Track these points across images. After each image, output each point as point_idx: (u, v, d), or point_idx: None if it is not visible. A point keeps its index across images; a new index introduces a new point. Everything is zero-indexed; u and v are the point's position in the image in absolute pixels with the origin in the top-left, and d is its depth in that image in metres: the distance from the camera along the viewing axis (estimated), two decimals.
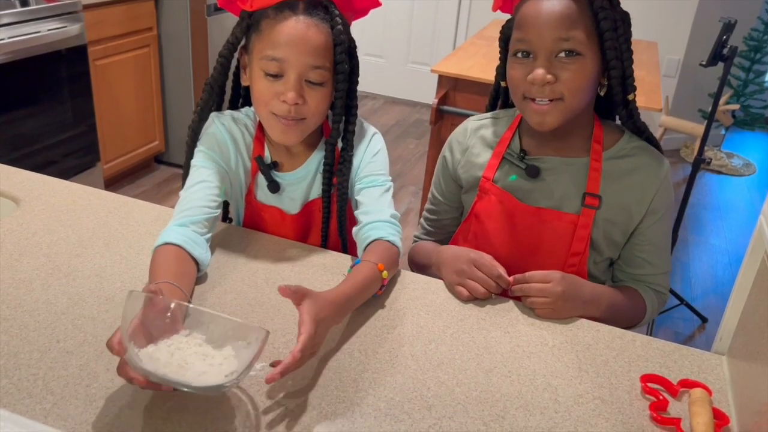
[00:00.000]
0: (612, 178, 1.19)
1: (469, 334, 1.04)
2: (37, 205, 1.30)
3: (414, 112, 4.99)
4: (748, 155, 4.65)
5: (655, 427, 0.88)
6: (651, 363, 1.01)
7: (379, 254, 1.11)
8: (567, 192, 1.20)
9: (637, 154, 1.21)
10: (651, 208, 1.20)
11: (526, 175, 1.21)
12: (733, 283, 1.05)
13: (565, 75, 1.09)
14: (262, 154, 1.24)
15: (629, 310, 1.22)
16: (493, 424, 0.87)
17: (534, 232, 1.22)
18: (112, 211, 1.31)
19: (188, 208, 1.13)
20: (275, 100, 1.12)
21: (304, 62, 1.10)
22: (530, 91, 1.12)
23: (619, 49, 1.11)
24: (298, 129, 1.16)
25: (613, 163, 1.20)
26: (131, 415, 0.83)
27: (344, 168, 1.22)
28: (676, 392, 0.94)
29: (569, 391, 0.94)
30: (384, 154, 1.28)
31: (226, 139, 1.22)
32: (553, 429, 0.87)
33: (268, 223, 1.30)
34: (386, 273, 1.08)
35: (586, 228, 1.19)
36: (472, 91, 2.51)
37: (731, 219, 3.81)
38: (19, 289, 1.05)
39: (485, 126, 1.30)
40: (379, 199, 1.21)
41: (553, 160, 1.21)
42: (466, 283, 1.13)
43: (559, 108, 1.11)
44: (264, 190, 1.26)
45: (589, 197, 1.18)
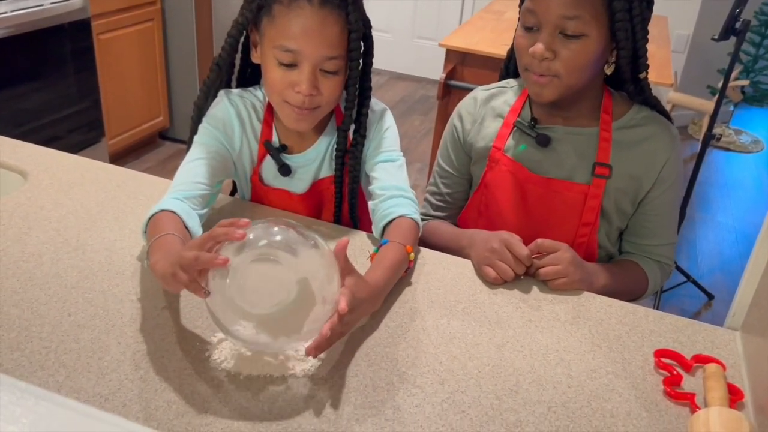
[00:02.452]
0: (622, 148, 1.19)
1: (480, 309, 1.03)
2: (44, 179, 1.30)
3: (419, 88, 4.95)
4: (757, 132, 4.61)
5: (669, 402, 0.88)
6: (664, 338, 1.00)
7: (404, 234, 1.10)
8: (577, 162, 1.19)
9: (646, 123, 1.20)
10: (660, 177, 1.20)
11: (537, 144, 1.20)
12: (740, 261, 1.05)
13: (565, 53, 1.08)
14: (270, 137, 1.22)
15: (628, 285, 1.22)
16: (506, 398, 0.86)
17: (544, 202, 1.22)
18: (120, 185, 1.30)
19: (184, 183, 1.11)
20: (289, 89, 1.09)
21: (319, 54, 1.07)
22: (530, 64, 1.12)
23: (631, 30, 1.09)
24: (311, 117, 1.14)
25: (622, 133, 1.19)
26: (144, 387, 0.83)
27: (356, 150, 1.21)
28: (690, 367, 0.94)
29: (582, 365, 0.93)
30: (394, 129, 1.26)
31: (232, 119, 1.20)
32: (566, 404, 0.86)
33: (276, 205, 1.28)
34: (413, 255, 1.08)
35: (597, 198, 1.19)
36: (480, 66, 2.48)
37: (738, 196, 3.79)
38: (28, 263, 1.04)
39: (495, 96, 1.29)
40: (396, 174, 1.20)
41: (561, 129, 1.20)
42: (496, 264, 1.09)
43: (554, 84, 1.11)
44: (270, 173, 1.25)
45: (599, 167, 1.18)
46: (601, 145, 1.18)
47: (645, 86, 1.18)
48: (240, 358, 0.88)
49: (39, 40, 2.68)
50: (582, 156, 1.19)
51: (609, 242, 1.26)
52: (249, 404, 0.82)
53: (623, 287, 1.19)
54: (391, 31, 5.10)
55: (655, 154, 1.19)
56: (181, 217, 1.04)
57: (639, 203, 1.23)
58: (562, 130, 1.21)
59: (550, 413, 0.85)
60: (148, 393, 0.82)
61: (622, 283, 1.19)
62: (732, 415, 0.79)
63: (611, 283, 1.16)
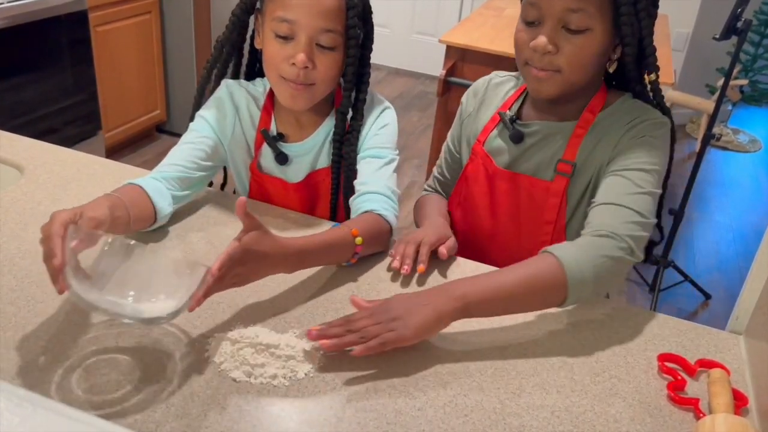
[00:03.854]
0: (596, 137, 1.11)
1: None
2: (41, 174, 1.28)
3: (418, 84, 4.94)
4: (755, 131, 4.61)
5: (673, 407, 0.87)
6: (667, 342, 1.00)
7: (362, 223, 1.08)
8: (545, 158, 1.15)
9: (630, 110, 1.12)
10: (619, 144, 1.08)
11: (509, 140, 1.18)
12: (737, 260, 1.03)
13: (568, 48, 1.05)
14: (268, 125, 1.23)
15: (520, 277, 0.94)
16: (509, 402, 0.85)
17: (512, 198, 1.19)
18: (118, 180, 1.27)
19: (166, 164, 1.15)
20: (285, 63, 1.10)
21: (316, 25, 1.08)
22: (531, 58, 1.08)
23: (636, 26, 1.05)
24: (307, 94, 1.14)
25: (603, 121, 1.12)
26: (142, 388, 0.81)
27: (352, 137, 1.20)
28: (694, 372, 0.93)
29: (585, 369, 0.92)
30: (392, 128, 1.24)
31: (226, 103, 1.22)
32: (569, 408, 0.85)
33: (272, 194, 1.28)
34: (360, 239, 1.03)
35: (557, 196, 1.14)
36: (480, 62, 2.47)
37: (736, 196, 3.79)
38: (25, 260, 1.03)
39: (505, 83, 1.27)
40: (378, 171, 1.17)
41: (544, 124, 1.16)
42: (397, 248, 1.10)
43: (556, 79, 1.08)
44: (267, 161, 1.25)
45: (562, 164, 1.13)
46: (571, 141, 1.13)
47: (656, 90, 1.12)
48: (240, 360, 0.86)
49: (35, 32, 2.65)
50: (553, 152, 1.15)
51: None
52: (249, 407, 0.81)
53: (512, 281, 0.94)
54: (390, 26, 5.08)
55: (621, 130, 1.09)
56: (147, 191, 1.07)
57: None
58: (542, 126, 1.16)
59: (554, 417, 0.84)
60: (146, 394, 0.81)
61: (506, 279, 0.94)
62: (738, 422, 0.78)
63: (482, 283, 0.93)
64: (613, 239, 0.96)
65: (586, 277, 0.93)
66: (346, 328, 0.88)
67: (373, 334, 0.86)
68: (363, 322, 0.88)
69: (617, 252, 0.95)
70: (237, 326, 0.93)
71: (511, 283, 0.93)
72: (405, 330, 0.87)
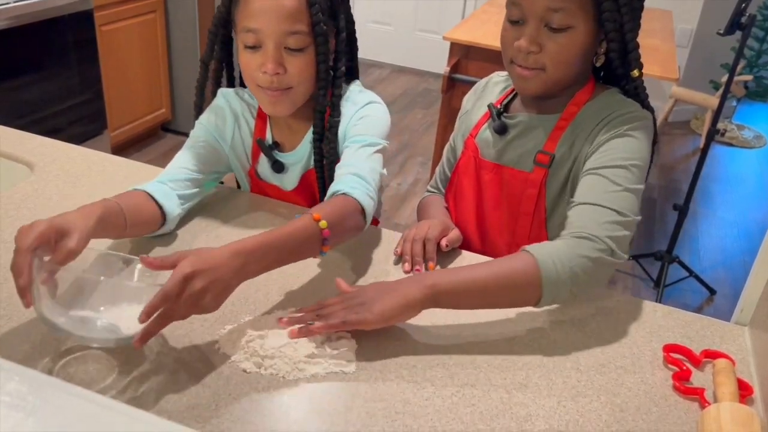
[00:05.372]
0: (577, 129, 1.11)
1: None
2: (51, 171, 1.29)
3: (422, 82, 4.94)
4: (759, 127, 4.60)
5: (679, 396, 0.88)
6: (672, 333, 1.00)
7: (326, 206, 0.99)
8: (526, 150, 1.16)
9: (608, 105, 1.10)
10: (594, 145, 1.07)
11: (494, 132, 1.19)
12: (742, 256, 1.03)
13: (551, 46, 1.05)
14: (263, 133, 1.24)
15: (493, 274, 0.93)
16: (516, 392, 0.86)
17: (496, 189, 1.20)
18: (128, 176, 1.30)
19: (168, 169, 1.16)
20: (257, 71, 1.11)
21: (279, 30, 1.07)
22: (516, 57, 1.10)
23: (619, 21, 1.04)
24: (286, 99, 1.13)
25: (583, 114, 1.11)
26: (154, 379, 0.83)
27: (330, 134, 1.17)
28: (699, 362, 0.94)
29: (591, 360, 0.93)
30: (374, 119, 1.18)
31: (225, 111, 1.23)
32: (575, 398, 0.86)
33: (271, 196, 1.30)
34: (324, 223, 0.94)
35: (535, 187, 1.14)
36: (484, 59, 2.47)
37: (741, 192, 3.78)
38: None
39: (503, 81, 1.29)
40: (354, 154, 1.13)
41: (527, 116, 1.17)
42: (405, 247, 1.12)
43: (541, 77, 1.08)
44: (264, 168, 1.26)
45: (540, 155, 1.13)
46: (552, 133, 1.13)
47: (639, 87, 1.11)
48: (250, 351, 0.87)
49: (41, 32, 2.66)
50: (535, 144, 1.15)
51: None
52: (259, 396, 0.82)
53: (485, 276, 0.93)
54: (393, 23, 5.09)
55: (596, 125, 1.08)
56: (151, 194, 1.08)
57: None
58: (525, 118, 1.17)
59: (560, 407, 0.85)
60: (158, 384, 0.82)
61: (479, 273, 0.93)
62: (743, 410, 0.79)
63: (454, 275, 0.93)
64: (591, 241, 0.94)
65: (561, 277, 0.91)
66: (317, 312, 0.91)
67: (337, 317, 0.89)
68: (333, 307, 0.91)
69: (595, 253, 0.93)
70: (246, 317, 0.94)
71: (484, 278, 0.92)
72: (368, 314, 0.88)
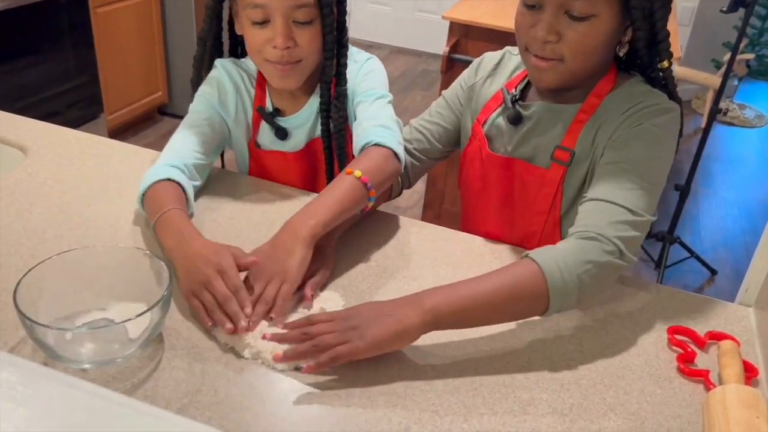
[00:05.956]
0: (599, 122, 1.03)
1: None
2: (45, 155, 1.27)
3: (421, 63, 4.90)
4: (761, 107, 4.57)
5: (683, 379, 0.87)
6: (676, 315, 0.99)
7: (361, 159, 1.04)
8: (543, 143, 1.08)
9: (632, 95, 1.02)
10: (612, 139, 1.00)
11: (507, 121, 1.12)
12: (743, 236, 1.00)
13: (571, 35, 0.96)
14: (263, 102, 1.23)
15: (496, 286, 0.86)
16: (519, 375, 0.85)
17: (504, 184, 1.13)
18: (123, 160, 1.28)
19: (180, 149, 1.12)
20: (266, 46, 1.10)
21: (287, 4, 1.07)
22: (531, 45, 1.00)
23: (648, 8, 0.95)
24: (296, 72, 1.13)
25: (606, 106, 1.03)
26: (151, 365, 0.82)
27: (339, 103, 1.18)
28: (704, 344, 0.93)
29: (594, 342, 0.92)
30: (378, 73, 1.22)
31: (226, 82, 1.21)
32: (579, 381, 0.85)
33: (271, 170, 1.28)
34: (358, 172, 1.00)
35: (552, 186, 1.06)
36: (484, 39, 2.44)
37: (742, 171, 3.76)
38: (31, 240, 1.02)
39: (517, 59, 1.17)
40: (370, 107, 1.15)
41: (544, 106, 1.08)
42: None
43: (558, 69, 1.00)
44: (265, 137, 1.24)
45: (559, 151, 1.05)
46: (572, 127, 1.04)
47: (668, 77, 1.02)
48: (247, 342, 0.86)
49: (35, 14, 2.63)
50: (552, 138, 1.06)
51: None
52: (259, 383, 0.81)
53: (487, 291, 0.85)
54: (392, 4, 5.03)
55: (620, 117, 1.00)
56: (185, 188, 1.05)
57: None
58: (542, 108, 1.08)
59: (563, 390, 0.84)
60: (156, 371, 0.81)
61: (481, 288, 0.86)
62: (749, 392, 0.78)
63: (455, 293, 0.85)
64: (599, 242, 0.88)
65: (568, 285, 0.85)
66: (304, 331, 0.83)
67: (326, 344, 0.80)
68: (321, 327, 0.83)
69: (604, 257, 0.87)
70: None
71: (487, 293, 0.85)
72: (360, 341, 0.80)
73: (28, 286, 0.80)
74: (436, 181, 2.64)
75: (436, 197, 2.67)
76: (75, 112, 2.95)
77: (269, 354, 0.83)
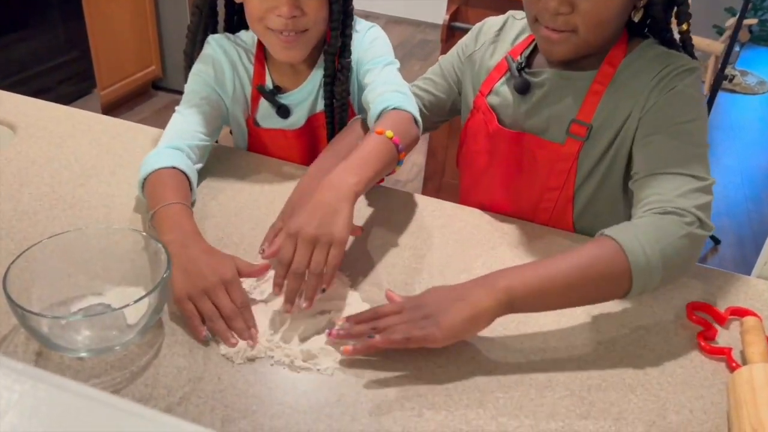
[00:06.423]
0: (619, 92, 0.99)
1: (501, 263, 0.98)
2: (35, 132, 1.22)
3: (418, 32, 4.81)
4: (763, 73, 4.51)
5: (705, 357, 0.84)
6: (694, 290, 0.96)
7: (383, 122, 0.98)
8: (555, 116, 1.03)
9: (654, 59, 0.98)
10: (646, 108, 0.95)
11: (515, 91, 1.06)
12: (745, 204, 0.95)
13: (585, 5, 0.91)
14: (262, 78, 1.17)
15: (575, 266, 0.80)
16: (534, 357, 0.82)
17: (514, 159, 1.08)
18: (115, 137, 1.23)
19: (182, 131, 1.07)
20: (270, 15, 1.04)
21: None
22: (542, 15, 0.95)
23: None
24: (300, 43, 1.08)
25: (623, 73, 0.99)
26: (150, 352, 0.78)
27: (342, 76, 1.13)
28: (724, 320, 0.89)
29: (611, 321, 0.89)
30: (383, 40, 1.17)
31: (222, 60, 1.15)
32: (597, 361, 0.82)
33: (271, 147, 1.23)
34: (390, 133, 0.93)
35: (568, 161, 1.02)
36: (486, 6, 2.37)
37: (744, 138, 3.72)
38: (22, 222, 0.98)
39: (521, 23, 1.13)
40: (381, 74, 1.10)
41: (556, 74, 1.03)
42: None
43: (571, 41, 0.95)
44: (264, 114, 1.19)
45: (575, 125, 1.00)
46: (587, 100, 0.99)
47: (687, 39, 0.98)
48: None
49: None
50: (564, 108, 1.01)
51: (611, 213, 1.05)
52: (264, 369, 0.77)
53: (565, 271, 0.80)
54: None
55: (647, 83, 0.96)
56: (187, 174, 1.01)
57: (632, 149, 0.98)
58: (553, 76, 1.03)
59: (581, 371, 0.80)
60: (156, 358, 0.78)
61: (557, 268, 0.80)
62: None
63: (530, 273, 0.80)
64: (678, 215, 0.83)
65: (652, 262, 0.79)
66: (372, 326, 0.78)
67: (399, 332, 0.77)
68: (391, 319, 0.78)
69: (685, 229, 0.81)
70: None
71: (565, 273, 0.79)
72: (435, 330, 0.76)
73: (19, 271, 0.76)
74: (436, 153, 2.59)
75: (437, 170, 2.63)
76: (67, 87, 2.89)
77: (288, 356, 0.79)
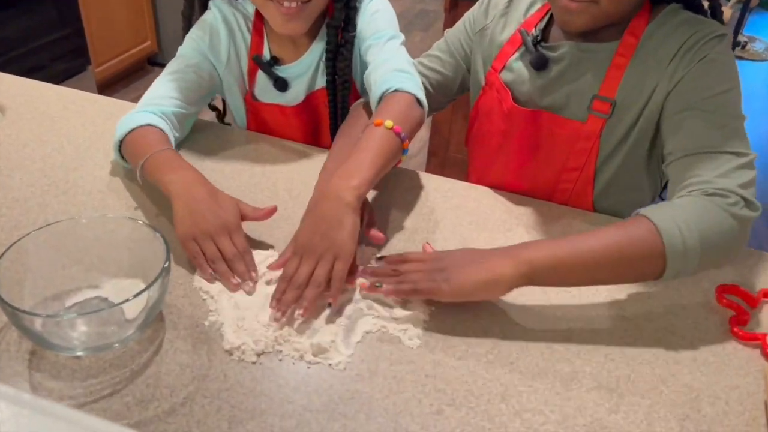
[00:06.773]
0: (644, 64, 0.92)
1: None
2: (25, 113, 1.17)
3: (418, 2, 4.71)
4: None
5: (737, 343, 0.79)
6: (723, 272, 0.90)
7: (384, 108, 0.93)
8: (576, 92, 0.97)
9: (680, 26, 0.91)
10: (674, 81, 0.89)
11: (531, 66, 1.00)
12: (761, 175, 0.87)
13: None
14: (260, 49, 1.12)
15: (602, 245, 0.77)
16: (558, 346, 0.77)
17: (531, 137, 1.02)
18: (109, 117, 1.18)
19: (162, 96, 1.03)
20: None
21: None
22: None
23: None
24: (302, 16, 1.02)
25: (647, 43, 0.93)
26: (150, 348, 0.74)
27: (345, 51, 1.08)
28: (757, 303, 0.85)
29: (637, 307, 0.84)
30: (385, 12, 1.10)
31: (219, 25, 1.10)
32: (624, 350, 0.77)
33: (271, 123, 1.18)
34: (390, 122, 0.88)
35: (590, 140, 0.96)
36: None
37: (751, 106, 3.60)
38: (13, 210, 0.93)
39: None
40: (383, 50, 1.04)
41: (575, 46, 0.97)
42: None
43: (591, 11, 0.89)
44: (263, 88, 1.14)
45: (598, 101, 0.94)
46: (610, 73, 0.93)
47: (717, 8, 0.92)
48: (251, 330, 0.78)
49: None
50: (585, 84, 0.96)
51: (634, 190, 1.02)
52: (272, 364, 0.73)
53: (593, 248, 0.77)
54: None
55: (675, 54, 0.90)
56: (167, 134, 0.97)
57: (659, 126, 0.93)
58: (572, 49, 0.97)
59: (608, 362, 0.76)
60: (157, 355, 0.73)
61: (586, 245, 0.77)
62: None
63: (556, 248, 0.77)
64: (721, 196, 0.77)
65: (689, 244, 0.74)
66: (395, 268, 0.81)
67: (411, 282, 0.78)
68: (412, 265, 0.80)
69: (730, 210, 0.77)
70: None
71: (593, 250, 0.76)
72: (445, 284, 0.76)
73: (10, 263, 0.72)
74: (440, 127, 2.53)
75: (441, 144, 2.56)
76: (60, 65, 2.82)
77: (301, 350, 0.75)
